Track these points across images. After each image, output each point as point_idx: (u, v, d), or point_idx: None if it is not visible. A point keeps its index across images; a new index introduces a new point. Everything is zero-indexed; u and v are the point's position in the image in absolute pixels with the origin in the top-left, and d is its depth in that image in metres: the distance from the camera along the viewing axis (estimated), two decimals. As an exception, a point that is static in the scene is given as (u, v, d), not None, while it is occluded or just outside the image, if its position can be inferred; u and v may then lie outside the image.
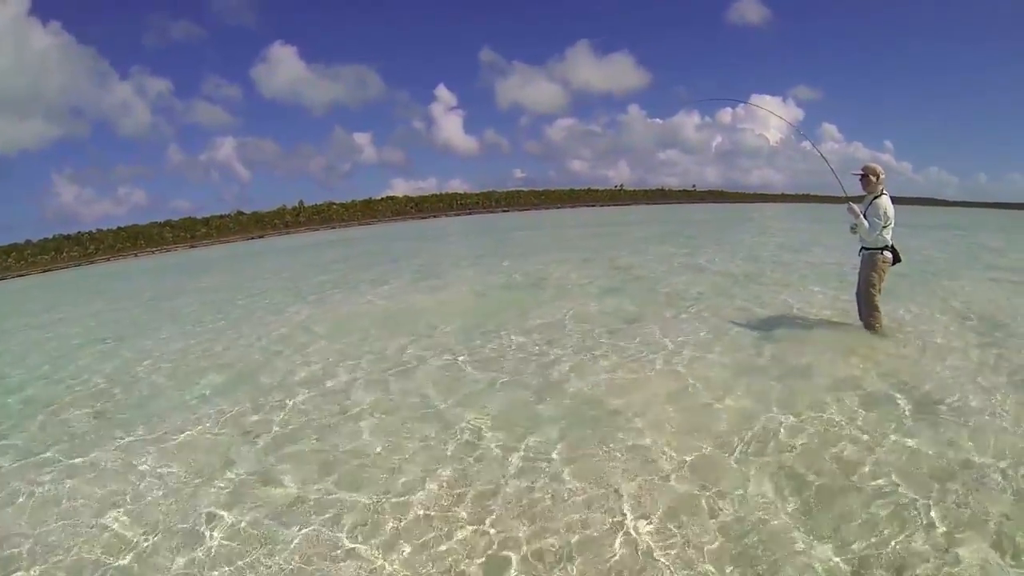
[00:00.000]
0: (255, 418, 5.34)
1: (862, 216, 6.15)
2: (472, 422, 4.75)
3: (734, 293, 9.50)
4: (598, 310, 8.58)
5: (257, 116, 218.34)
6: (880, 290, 6.41)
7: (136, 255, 61.28)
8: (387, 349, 7.24)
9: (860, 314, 6.83)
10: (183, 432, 5.15)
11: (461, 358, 6.63)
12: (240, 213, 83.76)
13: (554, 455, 4.12)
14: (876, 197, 6.13)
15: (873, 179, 6.25)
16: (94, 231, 73.10)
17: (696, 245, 18.99)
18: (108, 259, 60.98)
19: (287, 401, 5.67)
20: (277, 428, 5.05)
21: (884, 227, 6.14)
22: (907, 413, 4.43)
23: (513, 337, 7.36)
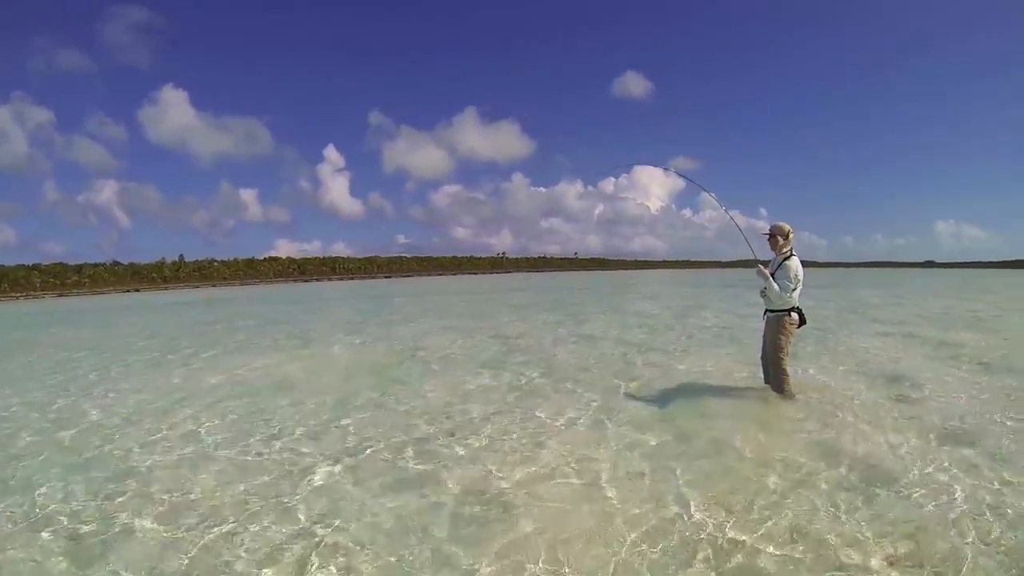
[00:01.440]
0: None
1: (771, 279, 6.25)
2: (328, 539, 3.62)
3: (629, 363, 9.47)
4: (478, 385, 8.07)
5: (142, 160, 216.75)
6: (788, 353, 6.54)
7: (-5, 299, 59.62)
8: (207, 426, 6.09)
9: (766, 378, 6.87)
10: None
11: (307, 453, 5.34)
12: (117, 263, 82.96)
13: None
14: (786, 258, 6.28)
15: (781, 239, 6.42)
16: (-53, 269, 66.00)
17: (583, 313, 19.80)
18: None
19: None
20: None
21: (794, 289, 6.25)
22: (844, 486, 4.25)
23: (379, 414, 6.73)
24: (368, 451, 5.34)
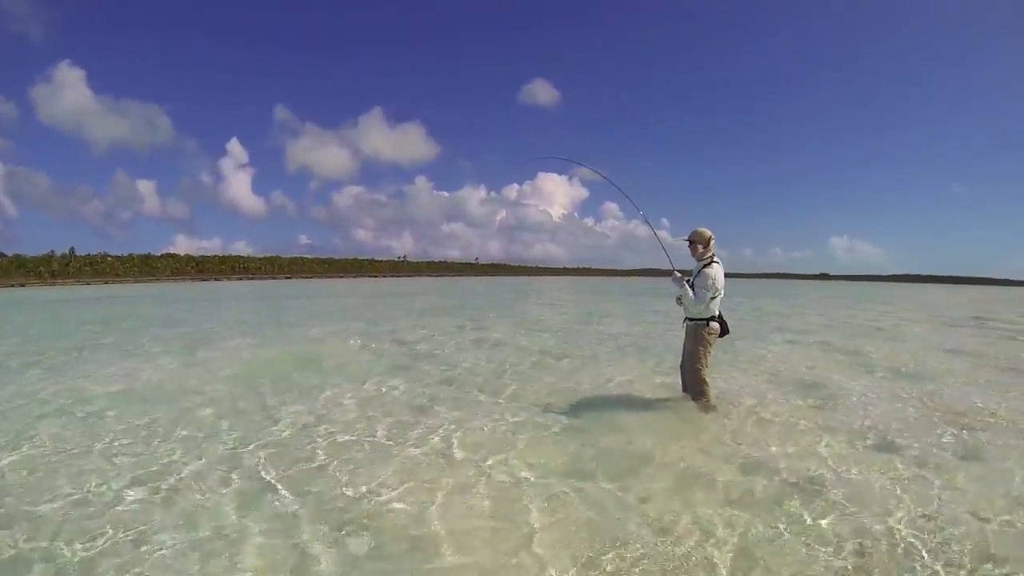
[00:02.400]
0: None
1: (687, 286, 6.28)
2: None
3: (537, 372, 9.25)
4: (376, 395, 7.56)
5: (32, 143, 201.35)
6: (707, 363, 6.54)
7: None
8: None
9: (684, 387, 6.83)
10: None
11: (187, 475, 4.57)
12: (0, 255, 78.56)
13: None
14: (706, 265, 6.30)
15: (701, 247, 6.39)
16: None
17: (486, 318, 19.75)
18: None
19: None
20: None
21: (712, 297, 6.20)
22: (779, 500, 4.12)
23: (270, 429, 6.00)
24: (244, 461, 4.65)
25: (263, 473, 4.63)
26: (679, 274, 6.46)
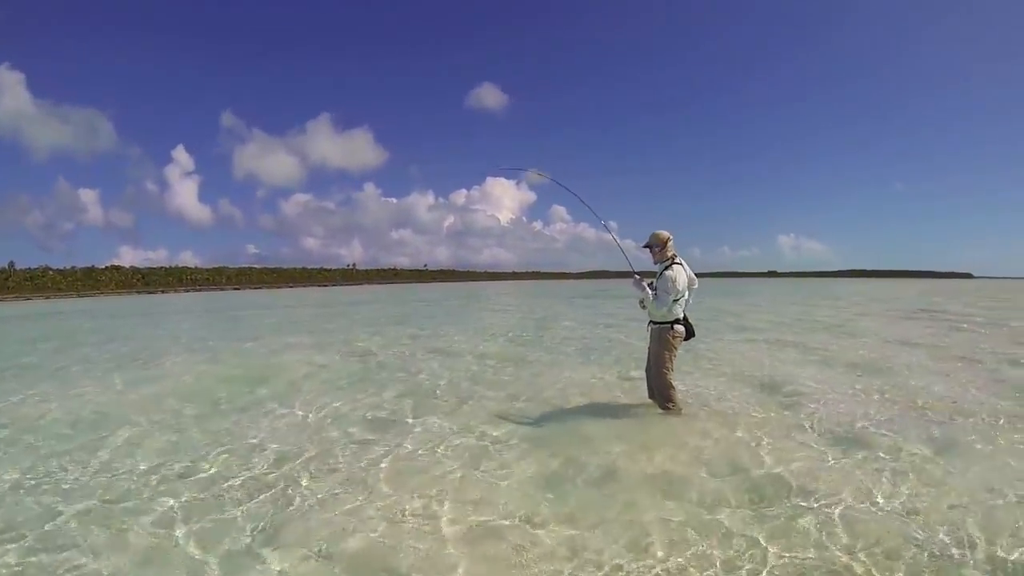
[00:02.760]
0: None
1: (648, 289, 6.30)
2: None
3: (497, 379, 9.11)
4: (335, 409, 7.31)
5: None
6: (673, 367, 6.53)
7: None
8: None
9: (651, 393, 6.78)
10: None
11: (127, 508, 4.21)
12: (-69, 269, 79.44)
13: None
14: (667, 267, 6.29)
15: (658, 249, 6.40)
16: None
17: (440, 326, 19.50)
18: None
19: None
20: None
21: (675, 300, 6.21)
22: (757, 506, 4.05)
23: (218, 455, 5.55)
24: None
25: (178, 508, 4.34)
26: (639, 277, 6.47)
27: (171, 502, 4.36)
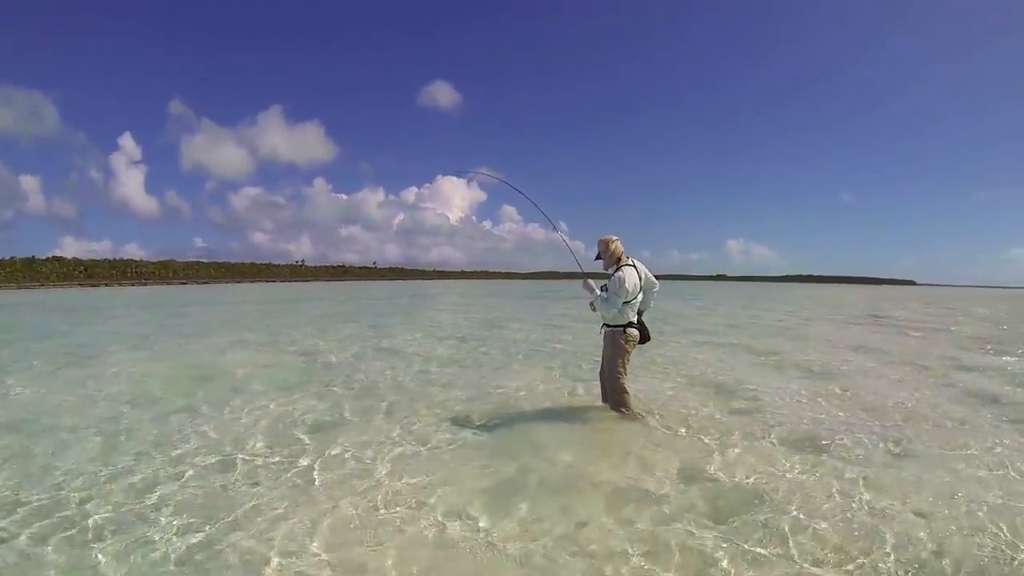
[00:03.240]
0: None
1: (597, 291, 6.25)
2: None
3: (446, 381, 8.84)
4: (275, 411, 7.03)
5: None
6: (626, 371, 6.43)
7: None
8: None
9: (604, 397, 6.69)
10: None
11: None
12: None
13: None
14: (617, 270, 6.21)
15: (604, 254, 6.34)
16: None
17: (388, 324, 19.20)
18: None
19: None
20: None
21: (627, 303, 6.12)
22: (720, 512, 3.95)
23: (154, 457, 5.21)
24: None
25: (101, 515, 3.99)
26: (590, 280, 6.41)
27: (96, 512, 4.04)
